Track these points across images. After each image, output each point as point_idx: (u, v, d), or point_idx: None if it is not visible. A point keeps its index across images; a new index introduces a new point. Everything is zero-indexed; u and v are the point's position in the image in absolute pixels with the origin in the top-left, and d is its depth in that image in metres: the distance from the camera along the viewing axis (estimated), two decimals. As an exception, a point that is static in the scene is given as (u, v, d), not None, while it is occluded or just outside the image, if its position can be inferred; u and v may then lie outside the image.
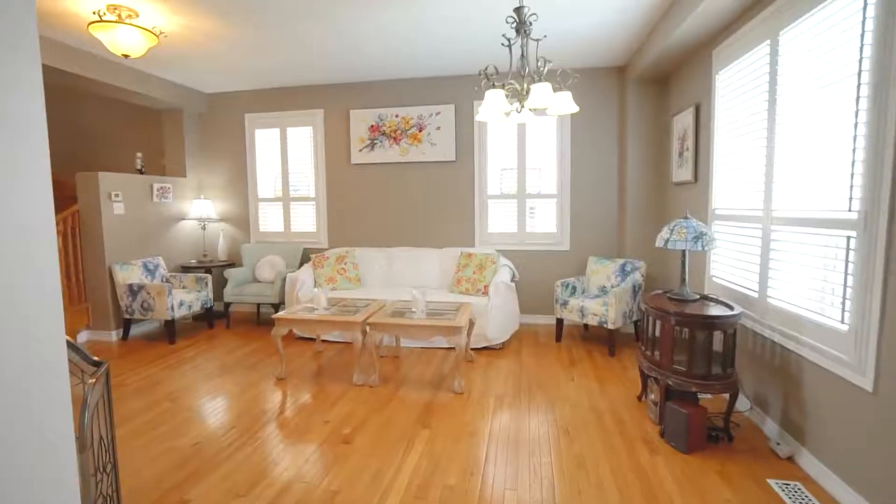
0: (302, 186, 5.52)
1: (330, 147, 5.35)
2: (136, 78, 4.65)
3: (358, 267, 4.98)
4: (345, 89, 5.24)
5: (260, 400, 3.20)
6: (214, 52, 4.18)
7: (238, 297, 4.97)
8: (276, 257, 5.29)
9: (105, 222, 4.44)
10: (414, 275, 4.94)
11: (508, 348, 4.26)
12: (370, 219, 5.35)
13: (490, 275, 4.44)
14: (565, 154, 4.87)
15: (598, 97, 4.77)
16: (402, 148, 5.14)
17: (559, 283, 4.34)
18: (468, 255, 4.69)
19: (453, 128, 5.00)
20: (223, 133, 5.61)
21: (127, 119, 5.86)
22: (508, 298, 4.22)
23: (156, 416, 2.96)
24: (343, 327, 3.42)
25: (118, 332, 4.59)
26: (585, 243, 4.93)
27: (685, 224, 2.79)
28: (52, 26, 3.53)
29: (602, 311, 3.99)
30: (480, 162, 5.04)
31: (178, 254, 5.35)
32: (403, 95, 5.12)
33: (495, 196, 5.08)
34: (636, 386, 3.37)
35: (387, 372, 3.70)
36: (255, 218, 5.64)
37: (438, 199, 5.16)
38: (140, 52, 3.35)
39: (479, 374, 3.63)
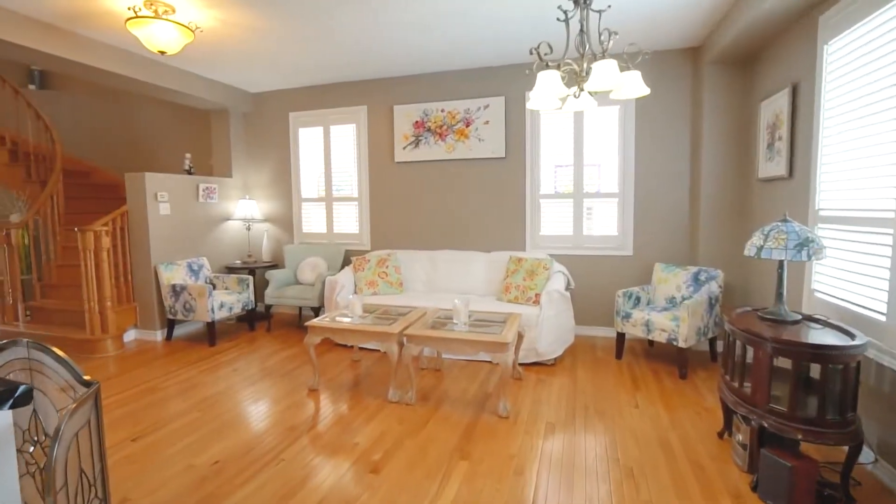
0: (345, 186, 5.35)
1: (373, 145, 5.13)
2: (184, 79, 4.64)
3: (400, 271, 4.72)
4: (388, 84, 5.01)
5: (289, 413, 2.98)
6: (254, 49, 4.06)
7: (279, 299, 4.86)
8: (317, 259, 5.14)
9: (151, 223, 4.45)
10: (459, 280, 4.61)
11: (561, 365, 3.83)
12: (414, 219, 5.08)
13: (542, 282, 4.02)
14: (628, 148, 4.35)
15: (667, 84, 4.22)
16: (448, 144, 4.82)
17: (620, 293, 3.85)
18: (518, 260, 4.29)
19: (503, 122, 4.62)
20: (268, 132, 5.55)
21: (179, 120, 5.95)
22: (562, 309, 3.79)
23: (182, 427, 2.81)
24: (378, 338, 3.15)
25: (163, 332, 4.60)
26: (651, 248, 4.38)
27: (784, 228, 2.27)
28: (96, 28, 3.52)
29: (671, 326, 3.47)
30: (532, 158, 4.63)
31: (222, 254, 5.34)
32: (449, 88, 4.80)
33: (549, 195, 4.65)
34: (715, 418, 2.85)
35: (426, 387, 3.39)
36: (299, 218, 5.54)
37: (486, 198, 4.80)
38: (176, 48, 3.24)
39: (527, 395, 3.24)
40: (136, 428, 2.81)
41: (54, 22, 3.44)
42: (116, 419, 2.93)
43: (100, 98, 6.21)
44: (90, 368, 3.84)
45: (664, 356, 4.00)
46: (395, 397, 3.14)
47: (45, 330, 4.40)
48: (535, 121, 4.58)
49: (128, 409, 3.07)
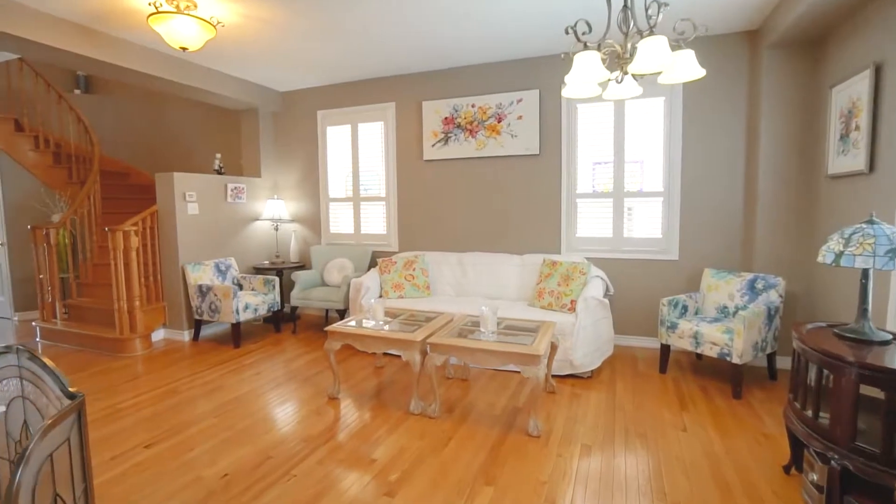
0: (373, 186, 5.21)
1: (401, 142, 4.97)
2: (214, 78, 4.62)
3: (427, 273, 4.53)
4: (417, 79, 4.83)
5: (306, 423, 2.84)
6: (279, 45, 3.96)
7: (304, 300, 4.77)
8: (344, 260, 5.02)
9: (179, 222, 4.44)
10: (489, 284, 4.37)
11: (599, 378, 3.52)
12: (442, 220, 4.88)
13: (578, 287, 3.73)
14: (674, 143, 3.99)
15: (719, 72, 3.84)
16: (479, 141, 4.60)
17: (665, 302, 3.51)
18: (552, 264, 4.01)
19: (537, 116, 4.35)
20: (296, 132, 5.49)
21: (212, 121, 5.99)
22: (601, 317, 3.49)
23: (197, 434, 2.71)
24: (400, 346, 2.96)
25: (190, 332, 4.59)
26: (699, 252, 4.00)
27: (871, 232, 1.92)
28: (126, 28, 3.50)
29: (724, 339, 3.11)
30: (569, 155, 4.33)
31: (250, 255, 5.31)
32: (480, 82, 4.57)
33: (586, 195, 4.34)
34: (779, 448, 2.50)
35: (451, 398, 3.17)
36: (326, 218, 5.45)
37: (519, 197, 4.54)
38: (198, 44, 3.17)
39: (561, 411, 2.97)
40: (152, 433, 2.73)
41: (83, 22, 3.44)
42: (134, 423, 2.86)
43: (138, 101, 6.35)
44: (117, 368, 3.84)
45: (714, 372, 3.62)
46: (417, 409, 2.94)
47: (80, 328, 4.46)
48: (572, 115, 4.28)
49: (146, 412, 3.01)
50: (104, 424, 2.85)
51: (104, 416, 2.96)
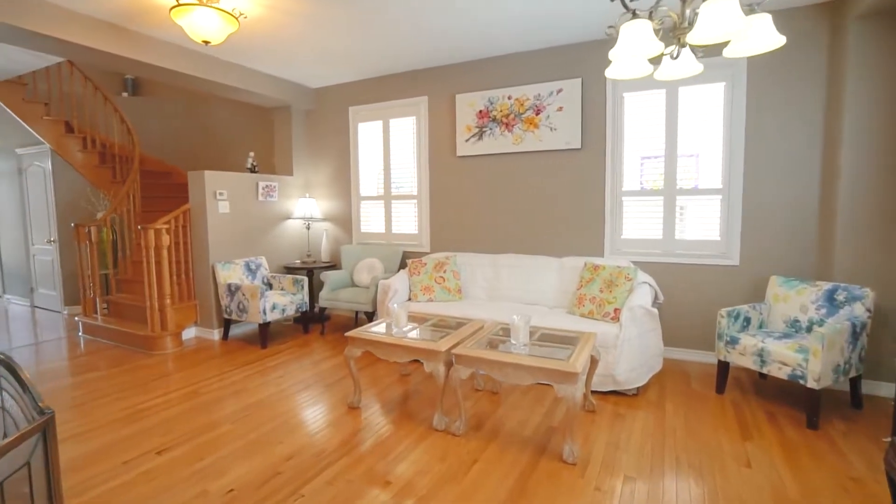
0: (404, 183, 5.02)
1: (434, 138, 4.75)
2: (247, 76, 4.58)
3: (459, 276, 4.28)
4: (450, 71, 4.59)
5: (322, 434, 2.66)
6: (307, 38, 3.83)
7: (333, 302, 4.64)
8: (374, 260, 4.86)
9: (210, 221, 4.42)
10: (524, 288, 4.07)
11: (646, 396, 3.16)
12: (476, 219, 4.62)
13: (623, 294, 3.37)
14: (737, 134, 3.55)
15: (792, 51, 3.37)
16: (516, 135, 4.30)
17: (724, 313, 3.10)
18: (594, 268, 3.67)
19: (579, 107, 4.01)
20: (328, 129, 5.39)
21: (249, 120, 6.00)
22: (648, 329, 3.12)
23: (210, 441, 2.59)
24: (422, 355, 2.73)
25: (220, 331, 4.57)
26: (764, 257, 3.54)
27: None
28: (157, 25, 3.48)
29: (797, 359, 2.68)
30: (614, 149, 3.96)
31: (281, 254, 5.25)
32: (517, 72, 4.28)
33: (633, 192, 3.96)
34: (873, 497, 2.07)
35: (479, 413, 2.91)
36: (357, 217, 5.31)
37: (558, 196, 4.21)
38: (220, 37, 3.07)
39: (601, 434, 2.64)
40: (166, 438, 2.64)
41: (114, 21, 3.43)
42: (152, 426, 2.79)
43: (181, 103, 6.47)
44: (147, 366, 3.84)
45: (783, 394, 3.17)
46: (440, 425, 2.70)
47: (117, 324, 4.53)
48: (618, 104, 3.91)
49: (165, 415, 2.93)
50: (124, 425, 2.80)
51: (125, 417, 2.91)
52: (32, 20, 3.07)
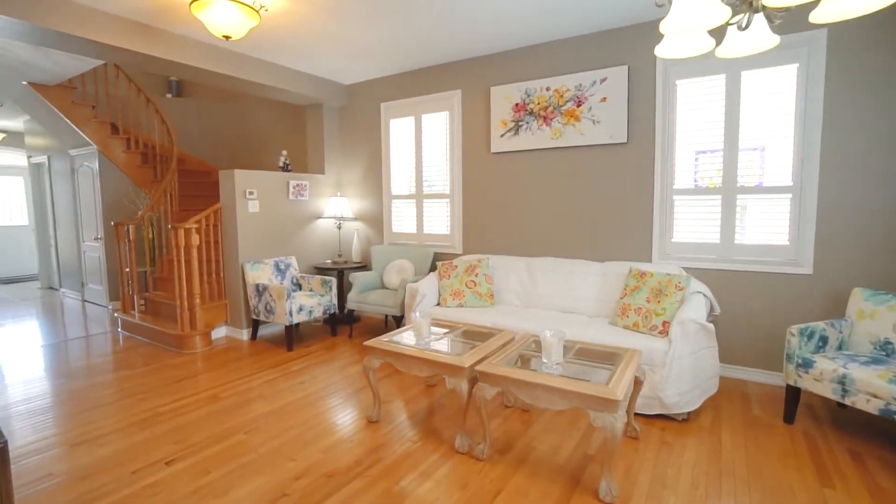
0: (437, 182, 4.80)
1: (467, 134, 4.50)
2: (277, 73, 4.51)
3: (492, 280, 4.02)
4: (485, 63, 4.32)
5: (336, 451, 2.48)
6: (334, 31, 3.68)
7: (361, 304, 4.49)
8: (404, 262, 4.68)
9: (239, 220, 4.38)
10: (562, 295, 3.75)
11: (698, 422, 2.78)
12: (510, 220, 4.34)
13: (673, 306, 3.00)
14: (812, 122, 3.08)
15: (880, 29, 2.87)
16: (555, 129, 3.98)
17: (795, 330, 2.67)
18: (641, 274, 3.31)
19: (625, 98, 3.65)
20: (360, 126, 5.25)
21: (284, 118, 5.98)
22: (702, 346, 2.74)
23: (220, 453, 2.47)
24: (444, 370, 2.49)
25: (248, 331, 4.53)
26: (845, 266, 3.06)
27: None
28: (183, 23, 3.43)
29: (892, 392, 2.24)
30: (665, 142, 3.57)
31: (312, 254, 5.17)
32: (557, 61, 3.95)
33: (686, 190, 3.55)
34: None
35: (506, 434, 2.65)
36: (388, 217, 5.15)
37: (601, 194, 3.86)
38: (241, 31, 2.97)
39: (644, 466, 2.32)
40: (178, 447, 2.55)
41: (140, 19, 3.41)
42: (166, 431, 2.71)
43: (220, 103, 6.55)
44: (174, 365, 3.83)
45: (870, 430, 2.70)
46: (463, 447, 2.46)
47: (153, 322, 4.58)
48: (670, 93, 3.51)
49: (181, 420, 2.86)
50: (140, 429, 2.74)
51: (143, 420, 2.86)
52: (61, 21, 3.08)
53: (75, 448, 2.55)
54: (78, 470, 2.34)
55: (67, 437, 2.67)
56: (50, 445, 2.58)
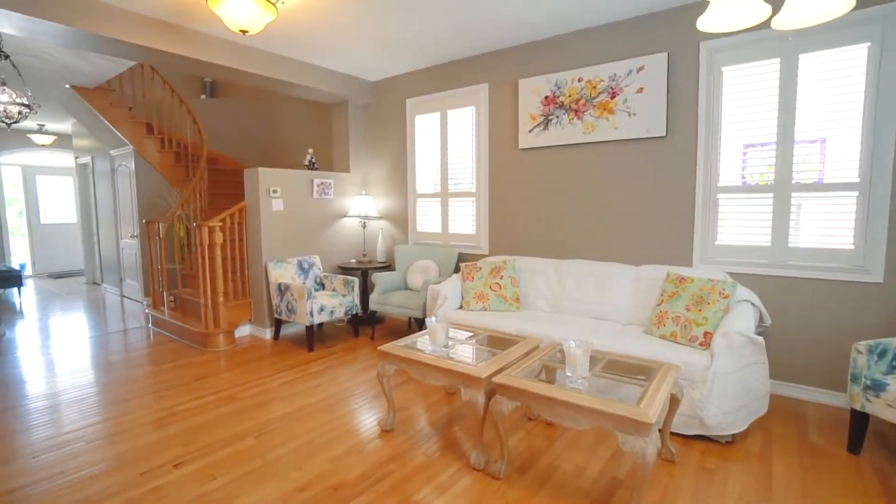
0: (463, 180, 4.63)
1: (494, 129, 4.31)
2: (304, 71, 4.47)
3: (518, 283, 3.82)
4: (513, 54, 4.12)
5: (345, 462, 2.36)
6: (357, 25, 3.58)
7: (383, 305, 4.38)
8: (428, 262, 4.54)
9: (263, 218, 4.36)
10: (593, 300, 3.51)
11: (744, 446, 2.49)
12: (539, 219, 4.11)
13: (716, 315, 2.72)
14: (886, 110, 2.72)
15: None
16: (587, 123, 3.74)
17: (863, 347, 2.34)
18: (680, 280, 3.03)
19: (664, 87, 3.36)
20: (386, 123, 5.15)
21: (312, 116, 5.97)
22: (751, 362, 2.45)
23: (228, 458, 2.40)
24: (460, 380, 2.33)
25: (271, 330, 4.50)
26: (922, 273, 2.68)
27: None
28: (205, 20, 3.41)
29: (982, 422, 1.90)
30: (709, 135, 3.27)
31: (336, 253, 5.11)
32: (589, 50, 3.70)
33: (733, 188, 3.23)
34: None
35: (528, 450, 2.45)
36: (413, 216, 5.02)
37: (636, 192, 3.59)
38: (257, 26, 2.89)
39: (681, 495, 2.07)
40: (188, 448, 2.49)
41: (164, 18, 3.41)
42: (179, 432, 2.67)
43: (252, 102, 6.62)
44: (196, 363, 3.83)
45: (949, 461, 2.34)
46: (479, 463, 2.28)
47: (180, 319, 4.64)
48: (715, 81, 3.21)
49: (195, 421, 2.81)
50: (154, 429, 2.71)
51: (158, 419, 2.84)
52: (93, 23, 3.10)
53: (90, 445, 2.54)
54: (89, 468, 2.32)
55: (84, 434, 2.67)
56: (67, 441, 2.59)
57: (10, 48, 4.08)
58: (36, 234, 8.55)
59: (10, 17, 2.93)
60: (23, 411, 2.97)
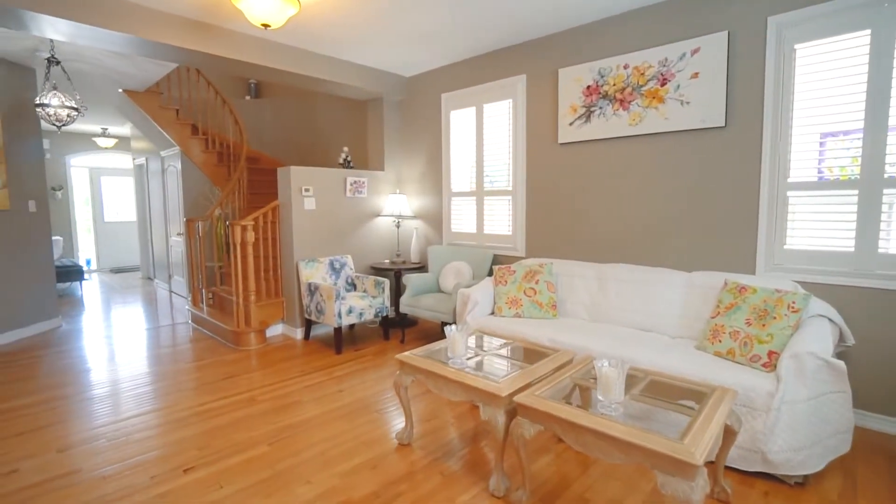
0: (499, 177, 4.39)
1: (532, 123, 4.04)
2: (338, 68, 4.39)
3: (554, 288, 3.54)
4: (552, 42, 3.83)
5: (356, 478, 2.20)
6: (386, 17, 3.43)
7: (413, 308, 4.22)
8: (462, 264, 4.34)
9: (295, 217, 4.32)
10: (638, 309, 3.17)
11: (820, 490, 2.10)
12: (580, 219, 3.80)
13: (784, 332, 2.33)
14: None
15: None
16: (633, 114, 3.40)
17: (977, 378, 1.90)
18: (740, 289, 2.65)
19: (724, 71, 2.97)
20: (420, 120, 4.99)
21: (350, 114, 5.92)
22: (827, 388, 2.07)
23: (240, 465, 2.31)
24: (478, 396, 2.11)
25: (302, 330, 4.46)
26: None
27: None
28: (233, 18, 3.39)
29: None
30: (777, 124, 2.85)
31: (369, 253, 5.01)
32: (637, 33, 3.36)
33: (806, 184, 2.80)
34: None
35: (555, 476, 2.19)
36: (448, 215, 4.83)
37: (689, 190, 3.21)
38: (280, 20, 2.81)
39: (738, 549, 1.74)
40: (201, 453, 2.43)
41: (194, 16, 3.41)
42: (195, 434, 2.63)
43: (293, 102, 6.69)
44: (227, 362, 3.83)
45: None
46: (498, 490, 2.05)
47: (217, 317, 4.70)
48: (785, 61, 2.79)
49: (213, 423, 2.76)
50: (174, 430, 2.68)
51: (179, 419, 2.82)
52: (123, 23, 3.15)
53: (111, 443, 2.54)
54: (102, 469, 2.30)
55: (107, 431, 2.68)
56: (90, 438, 2.60)
57: (63, 55, 4.27)
58: (100, 231, 9.12)
59: (57, 24, 3.01)
60: (57, 404, 3.05)
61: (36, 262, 4.74)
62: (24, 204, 4.61)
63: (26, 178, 4.63)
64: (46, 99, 3.86)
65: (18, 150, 4.55)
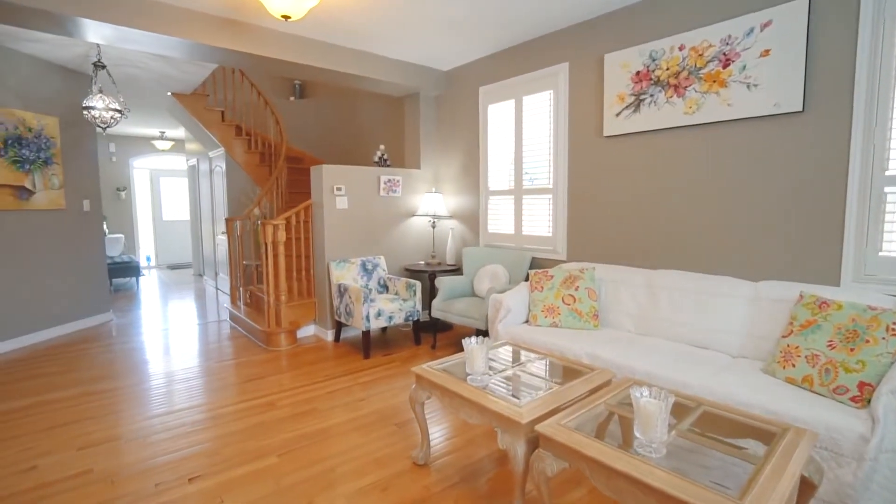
0: (539, 174, 4.08)
1: (575, 115, 3.71)
2: (374, 63, 4.27)
3: (597, 296, 3.20)
4: (596, 25, 3.49)
5: (364, 500, 2.01)
6: (419, 5, 3.24)
7: (445, 312, 4.01)
8: (497, 267, 4.08)
9: (327, 216, 4.23)
10: (693, 323, 2.78)
11: (925, 560, 1.67)
12: (627, 220, 3.43)
13: (881, 359, 1.90)
14: None
15: None
16: (690, 101, 3.00)
17: None
18: (820, 304, 2.22)
19: (802, 47, 2.53)
20: (458, 115, 4.77)
21: (388, 112, 5.80)
22: (937, 435, 1.64)
23: (243, 477, 2.19)
24: (496, 421, 1.85)
25: (333, 332, 4.36)
26: None
27: None
28: (262, 14, 3.32)
29: None
30: (871, 108, 2.38)
31: (403, 253, 4.85)
32: (693, 9, 2.96)
33: (907, 179, 2.32)
34: None
35: (586, 519, 1.90)
36: (485, 215, 4.58)
37: (757, 186, 2.78)
38: (300, 11, 2.69)
39: None
40: (208, 461, 2.34)
41: (223, 14, 3.37)
42: (208, 439, 2.55)
43: (335, 101, 6.67)
44: (256, 362, 3.79)
45: None
46: (518, 530, 1.79)
47: (252, 316, 4.71)
48: (883, 30, 2.31)
49: (226, 429, 2.68)
50: (188, 434, 2.62)
51: (196, 421, 2.77)
52: (148, 21, 3.15)
53: (126, 444, 2.51)
54: (112, 471, 2.25)
55: (124, 432, 2.66)
56: (109, 438, 2.59)
57: (111, 60, 4.42)
58: (159, 229, 9.61)
59: (94, 27, 3.06)
60: (85, 399, 3.09)
61: (89, 258, 4.96)
62: (80, 203, 4.83)
63: (82, 179, 4.85)
64: (91, 102, 3.99)
65: (75, 152, 4.78)
